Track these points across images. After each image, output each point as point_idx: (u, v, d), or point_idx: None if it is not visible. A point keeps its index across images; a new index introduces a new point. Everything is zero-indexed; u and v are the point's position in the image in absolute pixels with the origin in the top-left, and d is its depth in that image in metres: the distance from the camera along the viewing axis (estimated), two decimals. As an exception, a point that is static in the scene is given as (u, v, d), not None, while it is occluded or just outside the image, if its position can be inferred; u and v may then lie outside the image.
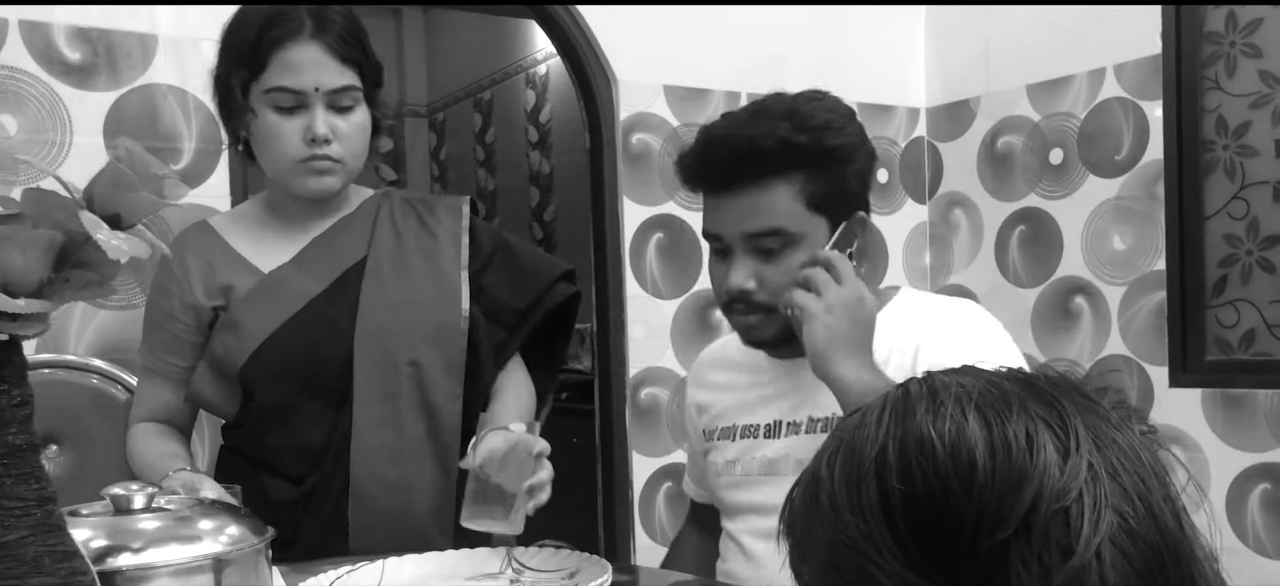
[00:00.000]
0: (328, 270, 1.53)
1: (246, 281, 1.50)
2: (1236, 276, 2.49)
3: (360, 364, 1.49)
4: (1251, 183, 2.46)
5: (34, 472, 0.83)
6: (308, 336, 1.48)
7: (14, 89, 1.98)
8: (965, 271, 2.99)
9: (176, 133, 2.12)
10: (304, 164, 1.46)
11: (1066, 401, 0.59)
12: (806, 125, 1.26)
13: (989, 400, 0.59)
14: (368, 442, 1.48)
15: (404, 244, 1.57)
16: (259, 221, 1.57)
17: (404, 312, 1.51)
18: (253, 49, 1.44)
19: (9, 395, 0.82)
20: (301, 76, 1.44)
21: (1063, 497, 0.55)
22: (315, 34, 1.45)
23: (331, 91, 1.45)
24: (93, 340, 2.03)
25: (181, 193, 0.86)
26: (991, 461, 0.56)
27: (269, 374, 1.47)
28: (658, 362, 2.66)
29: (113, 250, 0.77)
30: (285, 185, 1.51)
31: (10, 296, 0.76)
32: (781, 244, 1.29)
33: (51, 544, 0.83)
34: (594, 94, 2.62)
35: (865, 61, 2.90)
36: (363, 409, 1.48)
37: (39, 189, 0.78)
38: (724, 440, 1.46)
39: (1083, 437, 0.57)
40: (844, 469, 0.61)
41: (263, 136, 1.47)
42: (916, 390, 0.62)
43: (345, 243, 1.55)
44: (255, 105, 1.46)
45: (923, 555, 0.57)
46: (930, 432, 0.58)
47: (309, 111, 1.45)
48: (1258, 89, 2.44)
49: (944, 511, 0.56)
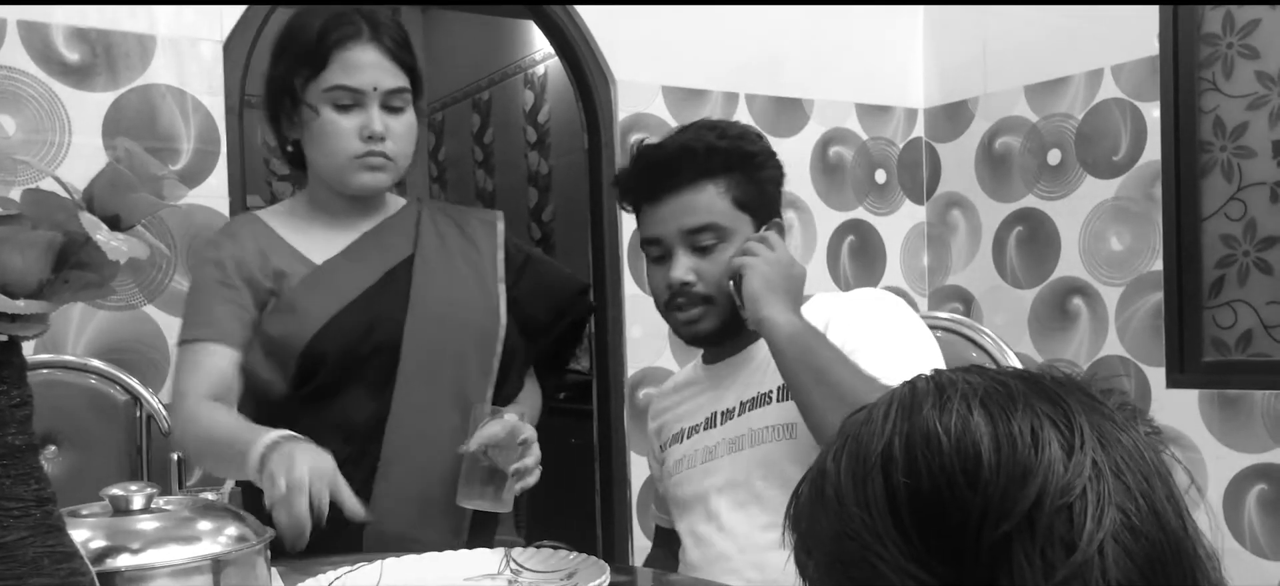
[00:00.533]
0: (378, 264, 1.60)
1: (299, 269, 1.57)
2: (1233, 277, 2.50)
3: (408, 350, 1.56)
4: (1249, 184, 2.46)
5: (33, 473, 0.83)
6: (363, 321, 1.55)
7: (12, 89, 1.98)
8: (963, 272, 3.00)
9: (175, 133, 2.12)
10: (359, 160, 1.54)
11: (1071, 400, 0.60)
12: (727, 134, 1.47)
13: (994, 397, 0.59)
14: (405, 425, 1.55)
15: (448, 246, 1.65)
16: (306, 218, 1.63)
17: (452, 309, 1.60)
18: (314, 49, 1.52)
19: (8, 395, 0.82)
20: (361, 76, 1.52)
21: (1067, 493, 0.55)
22: (373, 37, 1.53)
23: (387, 92, 1.54)
24: (91, 341, 2.03)
25: (180, 193, 0.86)
26: (996, 456, 0.57)
27: (325, 355, 1.53)
28: (655, 362, 2.66)
29: (112, 251, 0.77)
30: (339, 181, 1.57)
31: (10, 297, 0.77)
32: (715, 239, 1.44)
33: (51, 544, 0.83)
34: (592, 94, 2.62)
35: (863, 62, 2.90)
36: (404, 393, 1.55)
37: (38, 190, 0.78)
38: (674, 445, 1.58)
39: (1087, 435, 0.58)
40: (850, 463, 0.62)
41: (320, 134, 1.54)
42: (923, 387, 0.62)
43: (392, 240, 1.63)
44: (314, 103, 1.53)
45: (927, 548, 0.57)
46: (936, 427, 0.59)
47: (365, 110, 1.53)
48: (1255, 90, 2.44)
49: (949, 505, 0.57)
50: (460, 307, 1.60)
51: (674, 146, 1.46)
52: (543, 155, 4.72)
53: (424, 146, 5.39)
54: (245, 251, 1.56)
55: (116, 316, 2.06)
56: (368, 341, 1.54)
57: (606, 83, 2.62)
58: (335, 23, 1.53)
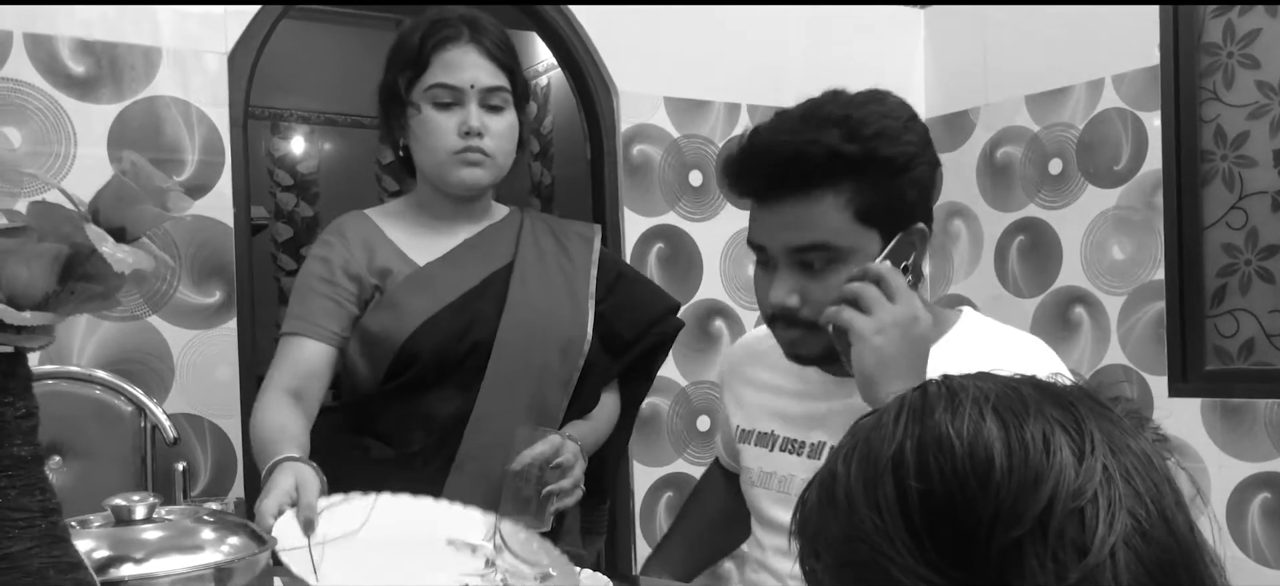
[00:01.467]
0: (477, 270, 1.66)
1: (403, 269, 1.63)
2: (1235, 286, 2.50)
3: (499, 353, 1.61)
4: (1250, 192, 2.46)
5: (39, 484, 0.84)
6: (460, 322, 1.61)
7: (18, 101, 2.00)
8: (965, 281, 3.00)
9: (180, 144, 2.13)
10: (458, 156, 1.60)
11: (1082, 406, 0.60)
12: (859, 134, 1.17)
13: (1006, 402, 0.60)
14: (485, 424, 1.60)
15: (545, 258, 1.71)
16: (413, 219, 1.69)
17: (544, 319, 1.65)
18: (417, 52, 1.60)
19: (14, 407, 0.82)
20: (459, 74, 1.59)
21: (1078, 497, 0.56)
22: (472, 39, 1.61)
23: (485, 90, 1.60)
24: (96, 351, 2.04)
25: (186, 205, 0.87)
26: (1008, 460, 0.57)
27: (420, 353, 1.58)
28: (659, 372, 2.66)
29: (118, 263, 0.78)
30: (440, 177, 1.63)
31: (16, 309, 0.77)
32: (827, 259, 1.20)
33: (56, 555, 0.84)
34: (595, 105, 2.63)
35: (864, 72, 2.89)
36: (489, 394, 1.60)
37: (45, 202, 0.79)
38: (761, 447, 1.40)
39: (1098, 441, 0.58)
40: (861, 466, 0.62)
41: (421, 131, 1.61)
42: (934, 391, 0.63)
43: (493, 248, 1.69)
44: (417, 101, 1.60)
45: (938, 551, 0.58)
46: (949, 431, 0.59)
47: (464, 107, 1.60)
48: (1255, 99, 2.44)
49: (960, 508, 0.57)
50: (550, 318, 1.66)
51: (788, 148, 1.19)
52: (546, 165, 4.73)
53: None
54: (352, 249, 1.63)
55: (121, 327, 2.07)
56: (462, 343, 1.60)
57: (609, 93, 2.63)
58: (436, 27, 1.61)
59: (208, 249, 2.14)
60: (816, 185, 1.18)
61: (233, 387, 2.14)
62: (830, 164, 1.17)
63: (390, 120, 1.67)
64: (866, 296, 1.16)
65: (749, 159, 1.22)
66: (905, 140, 1.20)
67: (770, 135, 1.21)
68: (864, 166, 1.17)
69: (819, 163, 1.17)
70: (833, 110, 1.19)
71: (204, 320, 2.14)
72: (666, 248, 2.68)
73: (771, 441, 1.39)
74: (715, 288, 2.73)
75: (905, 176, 1.20)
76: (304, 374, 1.58)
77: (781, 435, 1.38)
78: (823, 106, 1.21)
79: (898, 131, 1.19)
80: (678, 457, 2.68)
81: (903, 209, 1.21)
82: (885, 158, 1.18)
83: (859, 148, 1.16)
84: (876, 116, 1.19)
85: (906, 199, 1.21)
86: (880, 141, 1.17)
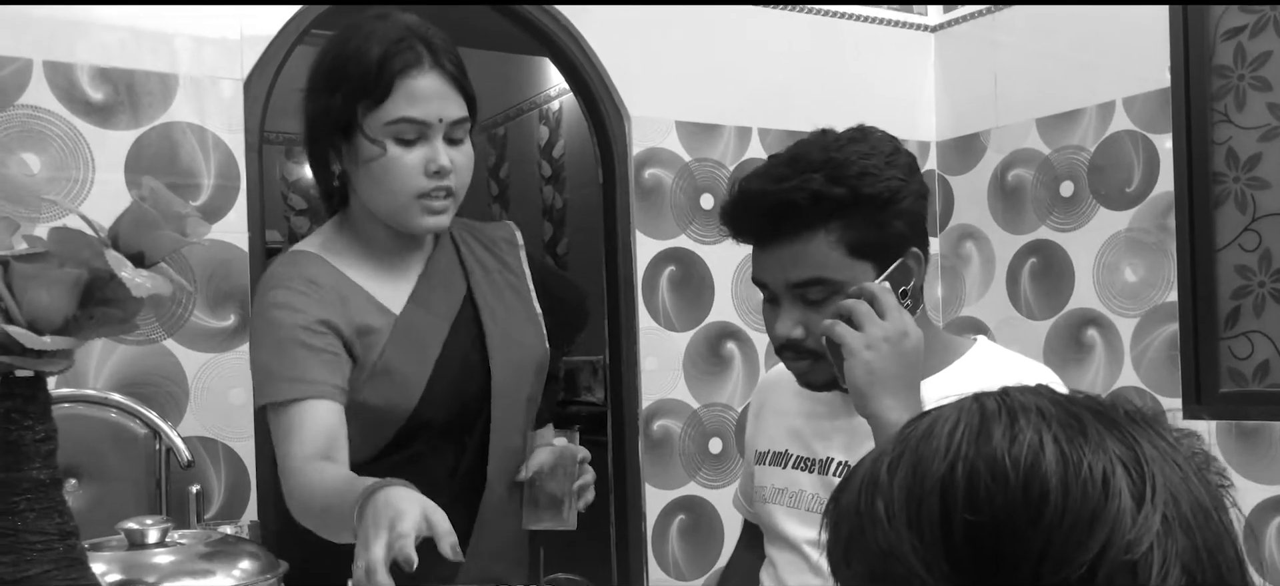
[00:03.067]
0: (445, 306, 1.51)
1: (380, 321, 1.45)
2: (1249, 308, 2.49)
3: (499, 402, 1.50)
4: (1263, 214, 2.46)
5: (56, 507, 0.85)
6: (454, 378, 1.47)
7: (38, 128, 2.02)
8: (977, 304, 3.00)
9: (195, 170, 2.14)
10: (423, 199, 1.41)
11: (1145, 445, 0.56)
12: (842, 176, 1.22)
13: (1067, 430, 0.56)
14: (502, 473, 1.51)
15: (491, 275, 1.57)
16: (361, 255, 1.49)
17: (520, 351, 1.54)
18: (375, 78, 1.37)
19: (33, 431, 0.83)
20: (427, 106, 1.38)
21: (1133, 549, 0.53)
22: (435, 63, 1.40)
23: (451, 123, 1.41)
24: (112, 375, 2.05)
25: (204, 231, 0.88)
26: (1064, 498, 0.54)
27: (427, 420, 1.46)
28: (670, 394, 2.67)
29: (136, 287, 0.79)
30: (400, 221, 1.44)
31: (36, 333, 0.78)
32: (826, 292, 1.25)
33: (73, 578, 0.84)
34: (606, 129, 2.64)
35: (875, 96, 2.92)
36: (498, 440, 1.50)
37: (65, 228, 0.80)
38: (775, 466, 1.42)
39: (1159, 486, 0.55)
40: (906, 479, 0.59)
41: (381, 172, 1.40)
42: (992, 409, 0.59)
43: (446, 277, 1.54)
44: (377, 136, 1.39)
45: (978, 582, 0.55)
46: (1005, 458, 0.55)
47: (430, 143, 1.40)
48: (1267, 121, 2.44)
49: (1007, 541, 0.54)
50: (524, 348, 1.54)
51: (774, 197, 1.24)
52: (557, 189, 4.75)
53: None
54: (326, 300, 1.42)
55: (137, 350, 2.08)
56: (461, 397, 1.48)
57: (620, 118, 2.64)
58: (396, 49, 1.38)
59: (222, 273, 2.15)
60: (807, 227, 1.23)
61: (247, 411, 2.15)
62: (816, 207, 1.22)
63: (327, 145, 1.44)
64: (858, 313, 1.21)
65: (740, 207, 1.28)
66: (887, 176, 1.24)
67: (759, 184, 1.26)
68: (850, 205, 1.22)
69: (805, 207, 1.22)
70: (815, 155, 1.24)
71: (219, 343, 2.15)
72: (678, 270, 2.69)
73: (785, 460, 1.42)
74: (727, 310, 2.73)
75: (891, 209, 1.24)
76: (326, 441, 1.35)
77: (795, 453, 1.41)
78: (807, 151, 1.26)
79: (880, 169, 1.24)
80: (690, 480, 2.68)
81: (892, 240, 1.26)
82: (869, 196, 1.22)
83: (845, 190, 1.21)
84: (858, 157, 1.24)
85: (895, 230, 1.25)
86: (863, 181, 1.22)
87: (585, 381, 4.27)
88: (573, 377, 4.19)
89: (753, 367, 2.75)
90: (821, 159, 1.23)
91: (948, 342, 1.38)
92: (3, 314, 0.78)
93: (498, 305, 1.55)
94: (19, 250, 0.79)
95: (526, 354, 1.55)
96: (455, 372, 1.48)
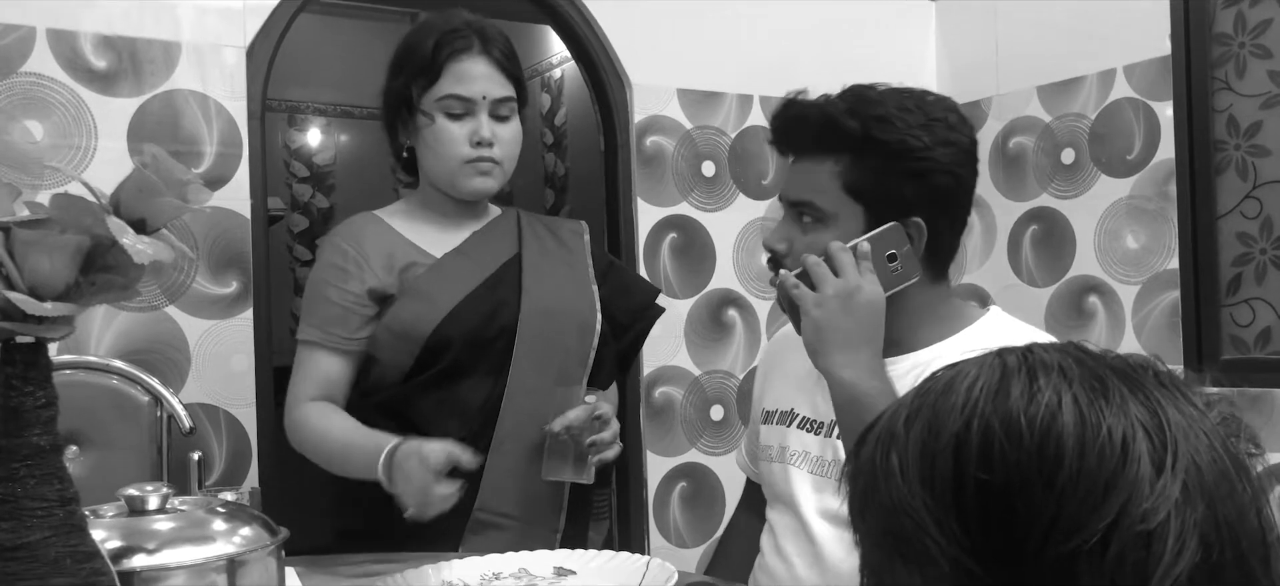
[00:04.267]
0: (489, 262, 1.72)
1: (423, 261, 1.68)
2: (1251, 275, 2.49)
3: (523, 335, 1.67)
4: (1264, 182, 2.46)
5: (57, 473, 0.85)
6: (485, 307, 1.67)
7: (41, 95, 2.02)
8: (979, 271, 3.00)
9: (198, 137, 2.15)
10: (470, 164, 1.66)
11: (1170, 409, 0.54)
12: (861, 112, 1.25)
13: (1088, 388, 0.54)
14: (518, 405, 1.65)
15: (546, 249, 1.78)
16: (421, 218, 1.74)
17: (559, 302, 1.72)
18: (429, 62, 1.64)
19: (34, 397, 0.84)
20: (472, 85, 1.65)
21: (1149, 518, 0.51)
22: (483, 50, 1.66)
23: (495, 101, 1.66)
24: (113, 341, 2.06)
25: (205, 197, 0.88)
26: (1081, 462, 0.52)
27: (452, 339, 1.63)
28: (671, 361, 2.68)
29: (138, 254, 0.79)
30: (451, 184, 1.69)
31: (37, 300, 0.79)
32: (813, 219, 1.30)
33: (73, 544, 0.85)
34: (608, 97, 2.64)
35: (876, 63, 2.88)
36: (518, 377, 1.66)
37: (67, 194, 0.80)
38: (781, 425, 1.44)
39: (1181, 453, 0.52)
40: (921, 434, 0.57)
41: (433, 140, 1.67)
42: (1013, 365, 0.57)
43: (499, 242, 1.75)
44: (429, 110, 1.65)
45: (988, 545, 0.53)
46: (1021, 418, 0.53)
47: (475, 118, 1.65)
48: (1268, 89, 2.44)
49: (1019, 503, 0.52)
50: (564, 301, 1.72)
51: (799, 109, 1.32)
52: (560, 157, 4.74)
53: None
54: (369, 255, 1.67)
55: (138, 317, 2.09)
56: (489, 327, 1.66)
57: (622, 86, 2.64)
58: (449, 37, 1.64)
59: (225, 240, 2.16)
60: (818, 149, 1.28)
61: (249, 378, 2.16)
62: (826, 131, 1.26)
63: (397, 123, 1.72)
64: (814, 272, 1.24)
65: (777, 113, 1.36)
66: (913, 133, 1.24)
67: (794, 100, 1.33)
68: (858, 142, 1.25)
69: (817, 128, 1.27)
70: (862, 89, 1.29)
71: (221, 310, 2.16)
72: (680, 238, 2.69)
73: (790, 418, 1.43)
74: (728, 277, 2.74)
75: (901, 164, 1.25)
76: (325, 386, 1.66)
77: (801, 413, 1.42)
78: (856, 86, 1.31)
79: (908, 124, 1.24)
80: (691, 448, 2.69)
81: (894, 196, 1.26)
82: (879, 140, 1.24)
83: (857, 124, 1.25)
84: (893, 103, 1.26)
85: (900, 189, 1.26)
86: (879, 125, 1.24)
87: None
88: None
89: (754, 335, 2.76)
90: (857, 94, 1.28)
91: (959, 310, 1.39)
92: (4, 280, 0.78)
93: (542, 267, 1.73)
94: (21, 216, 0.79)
95: (568, 310, 1.72)
96: (489, 307, 1.66)
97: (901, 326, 1.32)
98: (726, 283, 2.74)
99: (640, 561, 1.22)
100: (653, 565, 1.20)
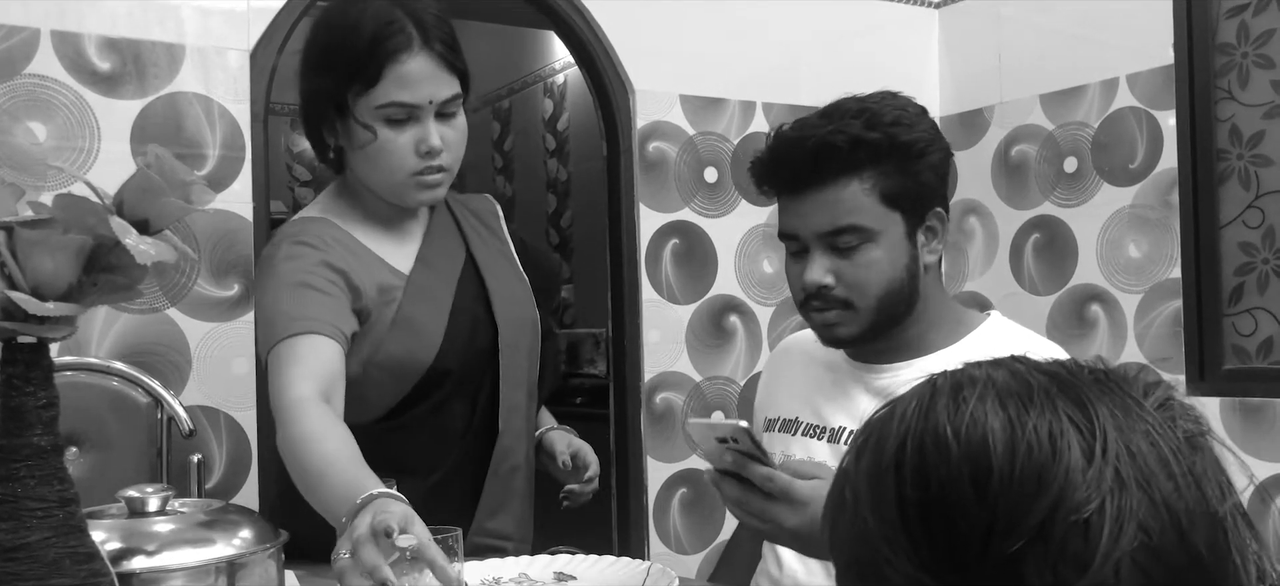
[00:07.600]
0: (450, 266, 1.56)
1: (395, 281, 1.50)
2: (1253, 284, 2.49)
3: (505, 353, 1.55)
4: (1266, 192, 2.45)
5: (57, 474, 0.85)
6: (466, 329, 1.53)
7: (45, 96, 2.02)
8: (980, 279, 3.00)
9: (201, 139, 2.15)
10: (416, 177, 1.45)
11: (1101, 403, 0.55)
12: (877, 122, 1.27)
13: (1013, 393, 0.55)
14: (510, 426, 1.56)
15: (484, 240, 1.63)
16: (364, 220, 1.53)
17: (518, 308, 1.59)
18: (365, 62, 1.40)
19: (35, 397, 0.84)
20: (417, 90, 1.42)
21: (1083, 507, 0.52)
22: (424, 45, 1.42)
23: (441, 102, 1.45)
24: (114, 343, 2.06)
25: (208, 198, 0.88)
26: (1010, 464, 0.53)
27: (447, 369, 1.50)
28: (673, 367, 2.68)
29: (141, 254, 0.79)
30: (395, 197, 1.49)
31: (40, 299, 0.79)
32: (858, 240, 1.28)
33: (72, 545, 0.84)
34: (611, 103, 2.64)
35: (879, 71, 2.89)
36: (508, 393, 1.55)
37: (70, 194, 0.80)
38: (784, 433, 1.43)
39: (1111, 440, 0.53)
40: (868, 464, 0.59)
41: (375, 152, 1.44)
42: (942, 383, 0.58)
43: (447, 242, 1.59)
44: (368, 122, 1.43)
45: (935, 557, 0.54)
46: (947, 429, 0.55)
47: (421, 124, 1.43)
48: (1271, 99, 2.43)
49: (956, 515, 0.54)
50: (518, 303, 1.60)
51: (814, 140, 1.28)
52: (562, 162, 4.74)
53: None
54: (334, 253, 1.45)
55: (140, 319, 2.09)
56: (472, 349, 1.52)
57: (625, 91, 2.64)
58: (385, 32, 1.40)
59: (226, 243, 2.16)
60: (842, 173, 1.27)
61: (249, 380, 2.16)
62: (854, 151, 1.26)
63: (320, 123, 1.48)
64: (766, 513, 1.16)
65: (777, 154, 1.31)
66: (920, 128, 1.30)
67: (796, 131, 1.30)
68: (885, 152, 1.27)
69: (843, 151, 1.26)
70: (850, 105, 1.30)
71: (222, 313, 2.16)
72: (681, 243, 2.69)
73: (795, 427, 1.43)
74: (730, 283, 2.74)
75: (922, 161, 1.30)
76: (329, 376, 1.35)
77: (805, 421, 1.42)
78: (840, 104, 1.31)
79: (912, 120, 1.30)
80: (691, 455, 2.69)
81: (923, 192, 1.31)
82: (904, 143, 1.28)
83: (880, 134, 1.27)
84: (891, 108, 1.30)
85: (926, 182, 1.31)
86: (898, 129, 1.28)
87: (588, 354, 4.28)
88: (575, 350, 4.19)
89: (756, 341, 2.76)
90: (857, 108, 1.29)
91: (960, 316, 1.41)
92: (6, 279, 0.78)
93: (493, 266, 1.60)
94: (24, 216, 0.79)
95: (523, 312, 1.60)
96: (466, 325, 1.53)
97: (907, 333, 1.35)
98: (728, 289, 2.74)
99: (641, 566, 1.23)
100: (653, 570, 1.20)
